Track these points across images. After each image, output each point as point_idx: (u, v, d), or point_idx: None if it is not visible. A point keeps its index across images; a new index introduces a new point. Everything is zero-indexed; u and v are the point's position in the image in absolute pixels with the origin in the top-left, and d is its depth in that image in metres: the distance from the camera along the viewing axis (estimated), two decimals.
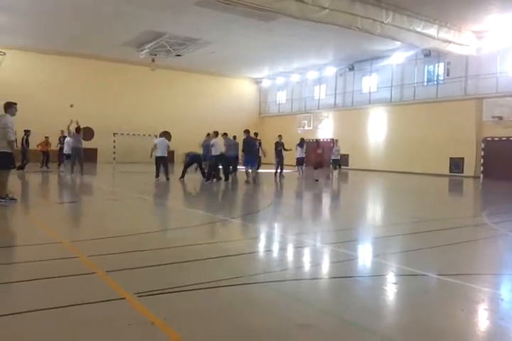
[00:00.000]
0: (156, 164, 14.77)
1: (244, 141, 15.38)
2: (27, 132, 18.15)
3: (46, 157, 20.36)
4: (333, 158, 18.71)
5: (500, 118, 20.46)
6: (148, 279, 3.93)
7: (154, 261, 4.54)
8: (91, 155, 28.20)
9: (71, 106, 21.32)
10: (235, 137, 17.09)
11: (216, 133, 14.96)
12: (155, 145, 14.78)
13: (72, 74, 28.02)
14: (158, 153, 14.59)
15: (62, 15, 19.87)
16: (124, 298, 3.35)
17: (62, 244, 5.26)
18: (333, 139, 19.30)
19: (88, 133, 28.41)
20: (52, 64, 27.54)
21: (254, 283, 3.89)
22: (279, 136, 18.76)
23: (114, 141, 28.88)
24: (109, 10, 18.97)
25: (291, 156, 18.86)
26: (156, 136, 15.48)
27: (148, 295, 3.41)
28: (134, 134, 28.93)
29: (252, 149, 15.37)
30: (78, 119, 16.82)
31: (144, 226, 6.74)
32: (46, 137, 20.61)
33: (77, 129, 16.48)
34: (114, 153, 28.68)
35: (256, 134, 17.59)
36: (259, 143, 17.61)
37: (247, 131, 15.61)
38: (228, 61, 28.86)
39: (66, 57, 27.50)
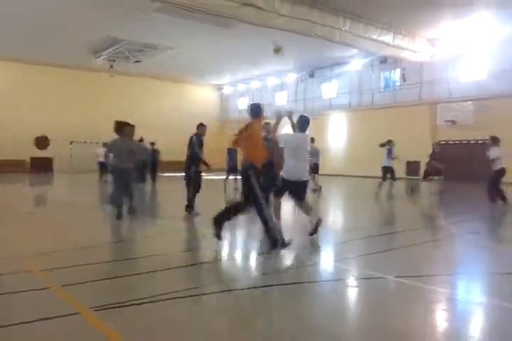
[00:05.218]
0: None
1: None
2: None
3: None
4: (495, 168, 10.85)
5: (453, 122, 21.24)
6: (105, 292, 3.81)
7: (112, 273, 4.41)
8: (46, 165, 27.42)
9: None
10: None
11: None
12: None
13: (27, 81, 27.08)
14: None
15: (15, 21, 19.22)
16: (80, 313, 3.23)
17: (16, 258, 5.04)
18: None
19: (42, 142, 27.75)
20: (4, 71, 26.61)
21: (210, 293, 3.86)
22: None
23: (71, 149, 28.12)
24: (66, 16, 18.50)
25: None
26: None
27: (105, 309, 3.30)
28: (91, 142, 27.84)
29: None
30: (33, 128, 16.16)
31: (104, 237, 6.56)
32: None
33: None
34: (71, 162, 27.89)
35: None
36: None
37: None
38: (189, 67, 28.68)
39: (20, 64, 26.59)
